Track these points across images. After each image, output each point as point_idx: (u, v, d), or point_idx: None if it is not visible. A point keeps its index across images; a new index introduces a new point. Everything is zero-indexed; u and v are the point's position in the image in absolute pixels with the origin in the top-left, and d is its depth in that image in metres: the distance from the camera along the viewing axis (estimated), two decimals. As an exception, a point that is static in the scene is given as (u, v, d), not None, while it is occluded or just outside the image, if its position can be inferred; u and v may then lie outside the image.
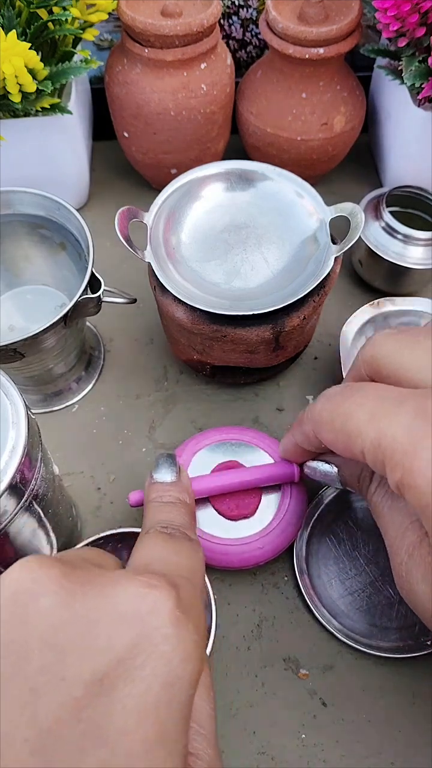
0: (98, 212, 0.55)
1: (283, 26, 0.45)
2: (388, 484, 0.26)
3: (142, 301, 0.45)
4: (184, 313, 0.36)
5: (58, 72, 0.43)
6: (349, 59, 0.50)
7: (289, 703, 0.34)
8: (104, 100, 0.51)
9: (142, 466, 0.42)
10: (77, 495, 0.41)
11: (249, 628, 0.36)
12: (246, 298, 0.35)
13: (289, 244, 0.37)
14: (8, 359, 0.36)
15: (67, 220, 0.39)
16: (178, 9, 0.44)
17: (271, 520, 0.36)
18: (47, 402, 0.44)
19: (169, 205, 0.38)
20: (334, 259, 0.36)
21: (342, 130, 0.50)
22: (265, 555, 0.35)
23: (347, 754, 0.33)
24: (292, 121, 0.49)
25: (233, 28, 0.57)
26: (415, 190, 0.48)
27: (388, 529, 0.26)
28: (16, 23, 0.41)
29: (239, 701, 0.34)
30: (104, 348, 0.48)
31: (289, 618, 0.37)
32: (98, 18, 0.44)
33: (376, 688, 0.34)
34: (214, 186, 0.39)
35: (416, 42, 0.44)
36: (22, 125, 0.46)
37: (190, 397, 0.45)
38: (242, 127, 0.53)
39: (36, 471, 0.26)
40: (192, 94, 0.47)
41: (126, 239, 0.35)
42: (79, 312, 0.36)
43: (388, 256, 0.46)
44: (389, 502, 0.26)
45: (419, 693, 0.34)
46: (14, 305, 0.46)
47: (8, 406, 0.25)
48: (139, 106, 0.47)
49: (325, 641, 0.36)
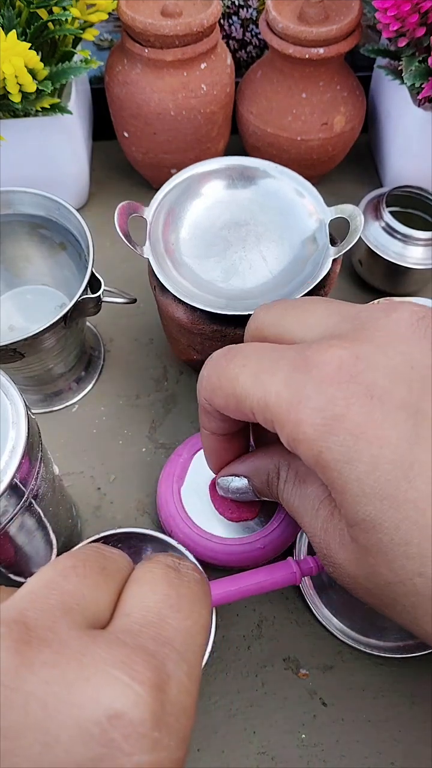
0: (98, 212, 0.55)
1: (283, 26, 0.45)
2: (291, 478, 0.26)
3: (142, 301, 0.45)
4: (184, 313, 0.36)
5: (58, 72, 0.43)
6: (349, 59, 0.50)
7: (289, 703, 0.34)
8: (104, 100, 0.51)
9: (142, 466, 0.42)
10: (77, 495, 0.41)
11: (249, 628, 0.36)
12: (244, 298, 0.35)
13: (288, 244, 0.37)
14: (8, 359, 0.36)
15: (67, 220, 0.39)
16: (178, 9, 0.44)
17: (272, 520, 0.36)
18: (47, 402, 0.44)
19: (169, 201, 0.38)
20: (334, 260, 0.36)
21: (342, 130, 0.50)
22: (266, 555, 0.35)
23: (347, 754, 0.33)
24: (292, 121, 0.49)
25: (233, 28, 0.57)
26: (415, 190, 0.48)
27: (303, 518, 0.25)
28: (16, 23, 0.41)
29: (239, 701, 0.34)
30: (104, 348, 0.48)
31: (289, 618, 0.37)
32: (98, 18, 0.44)
33: (376, 688, 0.34)
34: (215, 182, 0.39)
35: (416, 42, 0.44)
36: (22, 125, 0.46)
37: (190, 397, 0.45)
38: (242, 127, 0.53)
39: (36, 471, 0.26)
40: (192, 94, 0.47)
41: (125, 235, 0.35)
42: (79, 312, 0.36)
43: (388, 256, 0.46)
44: (298, 492, 0.25)
45: (419, 693, 0.34)
46: (14, 305, 0.46)
47: (8, 406, 0.25)
48: (139, 106, 0.47)
49: (325, 641, 0.36)
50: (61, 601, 0.16)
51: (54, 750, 0.13)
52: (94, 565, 0.18)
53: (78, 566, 0.18)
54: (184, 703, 0.15)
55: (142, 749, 0.14)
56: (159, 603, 0.18)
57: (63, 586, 0.17)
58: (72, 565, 0.18)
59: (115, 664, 0.15)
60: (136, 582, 0.19)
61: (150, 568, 0.19)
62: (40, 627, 0.15)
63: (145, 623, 0.17)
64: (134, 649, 0.15)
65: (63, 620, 0.16)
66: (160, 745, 0.14)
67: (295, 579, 0.29)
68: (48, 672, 0.14)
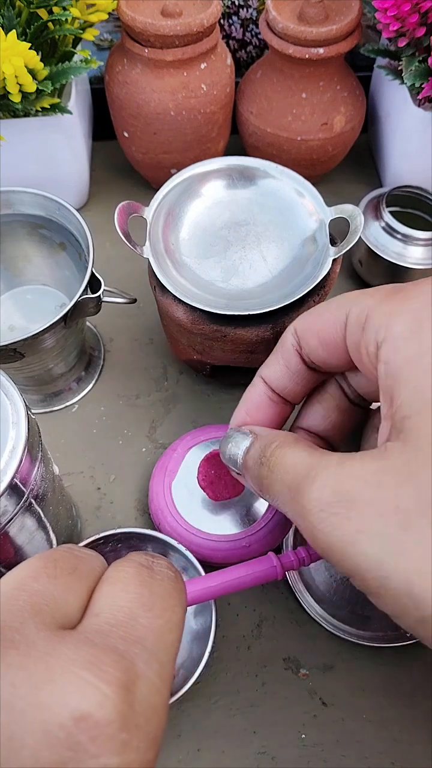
0: (98, 212, 0.55)
1: (283, 26, 0.45)
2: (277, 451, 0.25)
3: (142, 301, 0.45)
4: (184, 313, 0.36)
5: (58, 72, 0.43)
6: (349, 59, 0.50)
7: (289, 702, 0.34)
8: (104, 100, 0.51)
9: (143, 466, 0.42)
10: (77, 495, 0.41)
11: (249, 628, 0.36)
12: (244, 298, 0.35)
13: (288, 244, 0.37)
14: (8, 359, 0.36)
15: (67, 220, 0.39)
16: (178, 9, 0.44)
17: (259, 520, 0.36)
18: (47, 402, 0.44)
19: (169, 201, 0.38)
20: (334, 260, 0.36)
21: (342, 130, 0.50)
22: (251, 554, 0.35)
23: (347, 754, 0.33)
24: (292, 121, 0.49)
25: (233, 28, 0.57)
26: (415, 190, 0.48)
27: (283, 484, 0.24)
28: (16, 23, 0.41)
29: (239, 701, 0.34)
30: (104, 348, 0.48)
31: (289, 618, 0.37)
32: (98, 18, 0.44)
33: (376, 688, 0.34)
34: (215, 182, 0.39)
35: (416, 42, 0.44)
36: (22, 125, 0.46)
37: (190, 397, 0.45)
38: (242, 127, 0.53)
39: (36, 471, 0.26)
40: (192, 94, 0.47)
41: (125, 234, 0.35)
42: (79, 312, 0.36)
43: (388, 256, 0.46)
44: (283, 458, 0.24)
45: (419, 693, 0.34)
46: (14, 305, 0.46)
47: (8, 406, 0.25)
48: (139, 106, 0.47)
49: (325, 641, 0.36)
50: (30, 602, 0.16)
51: (19, 754, 0.13)
52: (65, 565, 0.18)
53: (49, 567, 0.18)
54: (155, 703, 0.15)
55: (109, 751, 0.13)
56: (130, 602, 0.17)
57: (32, 587, 0.17)
58: (43, 566, 0.18)
59: (83, 664, 0.14)
60: (108, 581, 0.18)
61: (123, 567, 0.19)
62: (6, 628, 0.15)
63: (116, 623, 0.16)
64: (103, 649, 0.15)
65: (31, 621, 0.15)
66: (128, 747, 0.14)
67: (276, 573, 0.28)
68: (14, 674, 0.14)
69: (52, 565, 0.18)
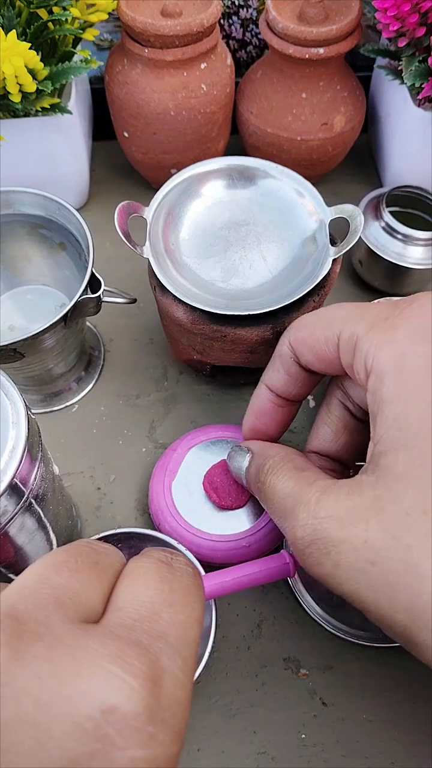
0: (98, 212, 0.55)
1: (283, 26, 0.45)
2: None
3: (142, 301, 0.45)
4: (184, 313, 0.36)
5: (58, 72, 0.43)
6: (349, 59, 0.50)
7: (289, 703, 0.34)
8: (104, 100, 0.51)
9: (143, 466, 0.42)
10: (77, 495, 0.41)
11: (249, 628, 0.36)
12: (244, 298, 0.35)
13: (288, 244, 0.37)
14: (8, 359, 0.36)
15: (67, 220, 0.39)
16: (178, 9, 0.44)
17: (259, 520, 0.36)
18: (47, 402, 0.44)
19: (169, 201, 0.38)
20: (334, 260, 0.36)
21: (342, 130, 0.50)
22: (251, 554, 0.35)
23: (347, 754, 0.33)
24: (292, 121, 0.49)
25: (233, 28, 0.57)
26: (415, 190, 0.48)
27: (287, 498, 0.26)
28: (16, 23, 0.41)
29: (239, 701, 0.34)
30: (104, 348, 0.48)
31: (289, 618, 0.37)
32: (98, 18, 0.44)
33: (376, 688, 0.34)
34: (215, 182, 0.39)
35: (416, 42, 0.44)
36: (22, 125, 0.46)
37: (190, 397, 0.45)
38: (242, 127, 0.53)
39: (36, 471, 0.26)
40: (192, 94, 0.47)
41: (125, 234, 0.35)
42: (79, 312, 0.36)
43: (388, 256, 0.46)
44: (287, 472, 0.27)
45: (419, 693, 0.34)
46: (14, 305, 0.46)
47: (8, 406, 0.25)
48: (139, 106, 0.47)
49: (325, 641, 0.36)
50: (54, 596, 0.16)
51: (46, 746, 0.13)
52: (86, 559, 0.18)
53: (70, 561, 0.18)
54: (179, 697, 0.15)
55: (136, 744, 0.13)
56: (152, 597, 0.17)
57: (55, 581, 0.17)
58: (64, 560, 0.18)
59: (109, 657, 0.14)
60: (129, 576, 0.18)
61: (143, 562, 0.19)
62: (32, 621, 0.15)
63: (138, 617, 0.16)
64: (128, 642, 0.15)
65: (55, 614, 0.16)
66: (155, 740, 0.14)
67: (289, 571, 0.29)
68: (40, 666, 0.14)
69: (74, 559, 0.18)
